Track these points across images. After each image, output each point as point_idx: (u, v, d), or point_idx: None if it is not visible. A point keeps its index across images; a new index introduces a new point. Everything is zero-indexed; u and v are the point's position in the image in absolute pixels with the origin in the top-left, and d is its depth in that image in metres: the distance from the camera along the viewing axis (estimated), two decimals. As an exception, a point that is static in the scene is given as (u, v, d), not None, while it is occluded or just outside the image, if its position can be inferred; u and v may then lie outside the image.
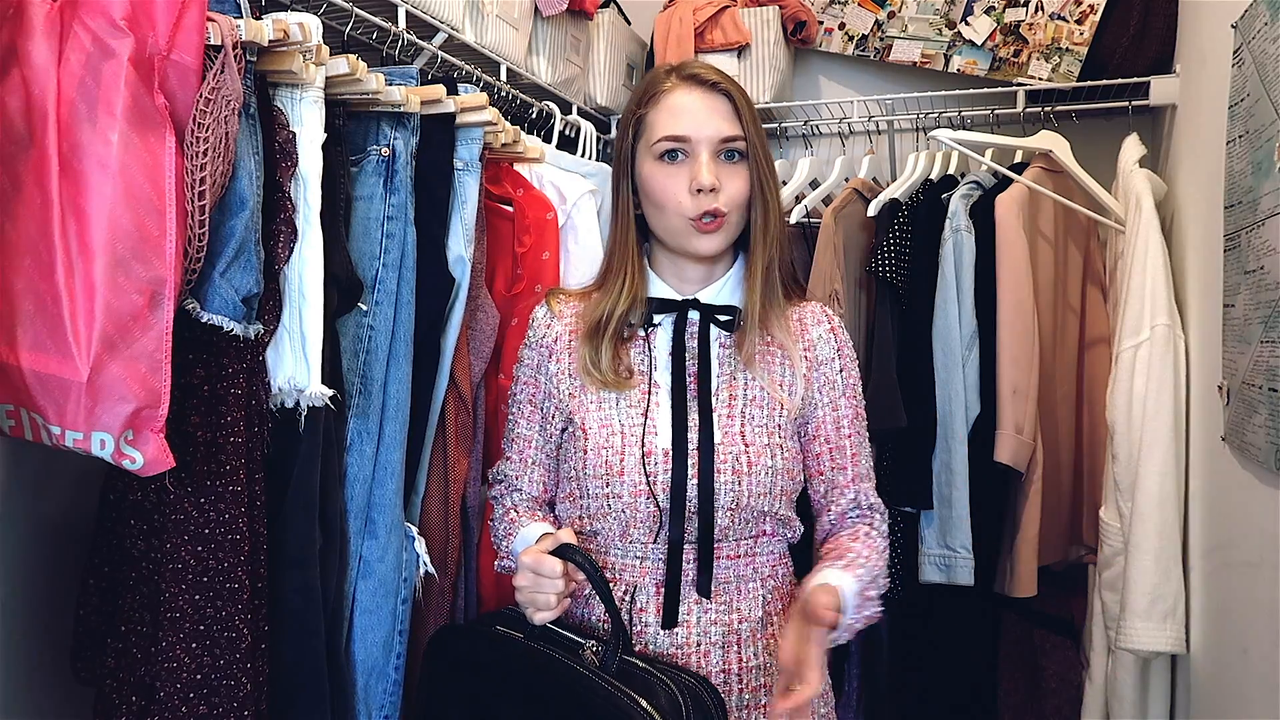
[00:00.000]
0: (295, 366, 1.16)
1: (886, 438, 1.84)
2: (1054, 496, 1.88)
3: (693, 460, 1.17)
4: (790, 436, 1.23)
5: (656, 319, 1.25)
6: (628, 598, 1.20)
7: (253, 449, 1.13)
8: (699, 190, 1.18)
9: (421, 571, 1.38)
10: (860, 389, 1.29)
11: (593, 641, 1.12)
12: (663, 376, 1.22)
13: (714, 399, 1.21)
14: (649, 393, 1.22)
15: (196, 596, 1.09)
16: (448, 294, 1.42)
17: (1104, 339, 1.94)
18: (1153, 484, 1.63)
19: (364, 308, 1.30)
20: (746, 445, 1.19)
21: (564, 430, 1.25)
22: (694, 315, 1.24)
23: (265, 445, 1.16)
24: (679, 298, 1.25)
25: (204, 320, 1.08)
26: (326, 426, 1.21)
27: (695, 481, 1.17)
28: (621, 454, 1.19)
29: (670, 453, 1.18)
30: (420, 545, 1.38)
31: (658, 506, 1.18)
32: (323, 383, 1.17)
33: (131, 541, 1.14)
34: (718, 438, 1.18)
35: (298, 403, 1.17)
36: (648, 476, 1.18)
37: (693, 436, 1.18)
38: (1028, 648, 2.08)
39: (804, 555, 1.31)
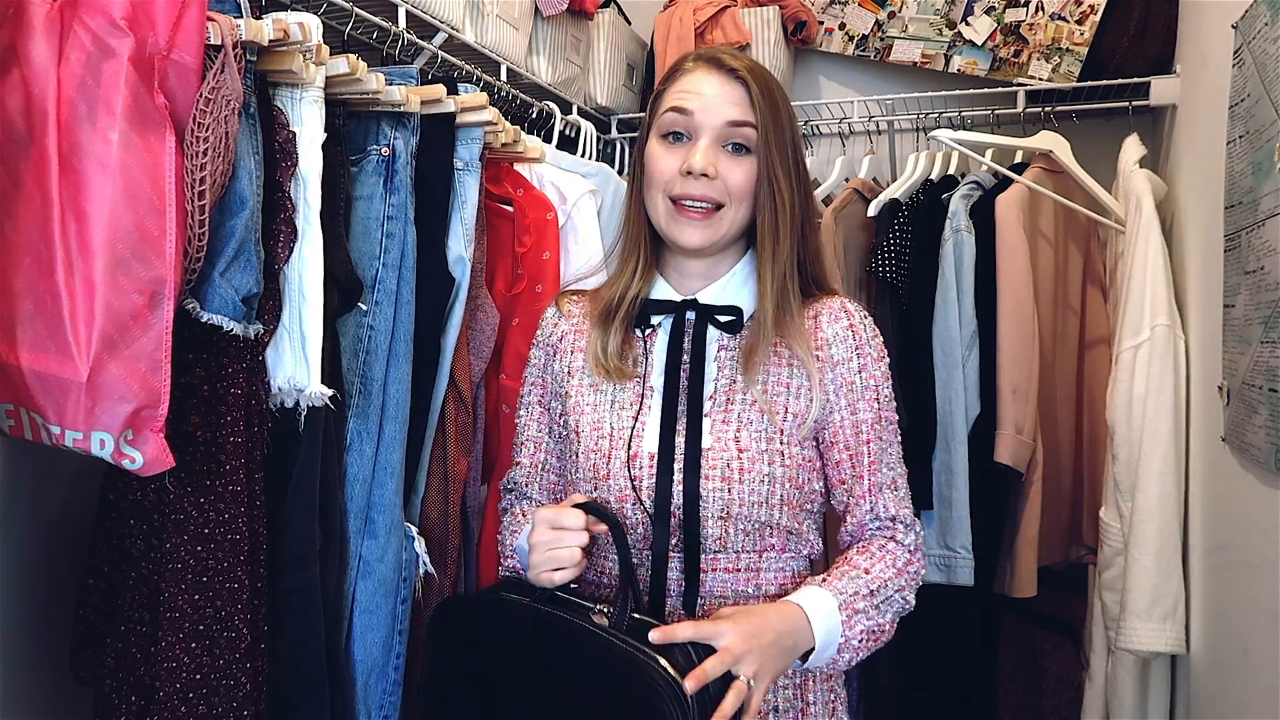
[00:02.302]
0: (295, 366, 1.16)
1: (886, 438, 1.85)
2: (1054, 497, 1.88)
3: (679, 465, 1.13)
4: (798, 443, 1.16)
5: (655, 320, 1.22)
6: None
7: (253, 449, 1.13)
8: (688, 173, 1.14)
9: (421, 571, 1.38)
10: (886, 389, 1.19)
11: (603, 604, 1.06)
12: (658, 380, 1.19)
13: (709, 403, 1.16)
14: (642, 395, 1.19)
15: (196, 596, 1.09)
16: (448, 294, 1.42)
17: (1104, 339, 1.94)
18: (1153, 484, 1.63)
19: (364, 308, 1.30)
20: (740, 451, 1.13)
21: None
22: (691, 316, 1.20)
23: (265, 445, 1.15)
24: (678, 298, 1.22)
25: (204, 320, 1.07)
26: (326, 426, 1.21)
27: (680, 488, 1.13)
28: (608, 457, 1.16)
29: (656, 456, 1.14)
30: (420, 545, 1.38)
31: (646, 513, 1.14)
32: (322, 382, 1.17)
33: (131, 541, 1.14)
34: (707, 443, 1.14)
35: (298, 403, 1.17)
36: (633, 481, 1.14)
37: (680, 441, 1.14)
38: (1028, 648, 2.08)
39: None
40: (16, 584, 1.23)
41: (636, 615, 1.05)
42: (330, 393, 1.18)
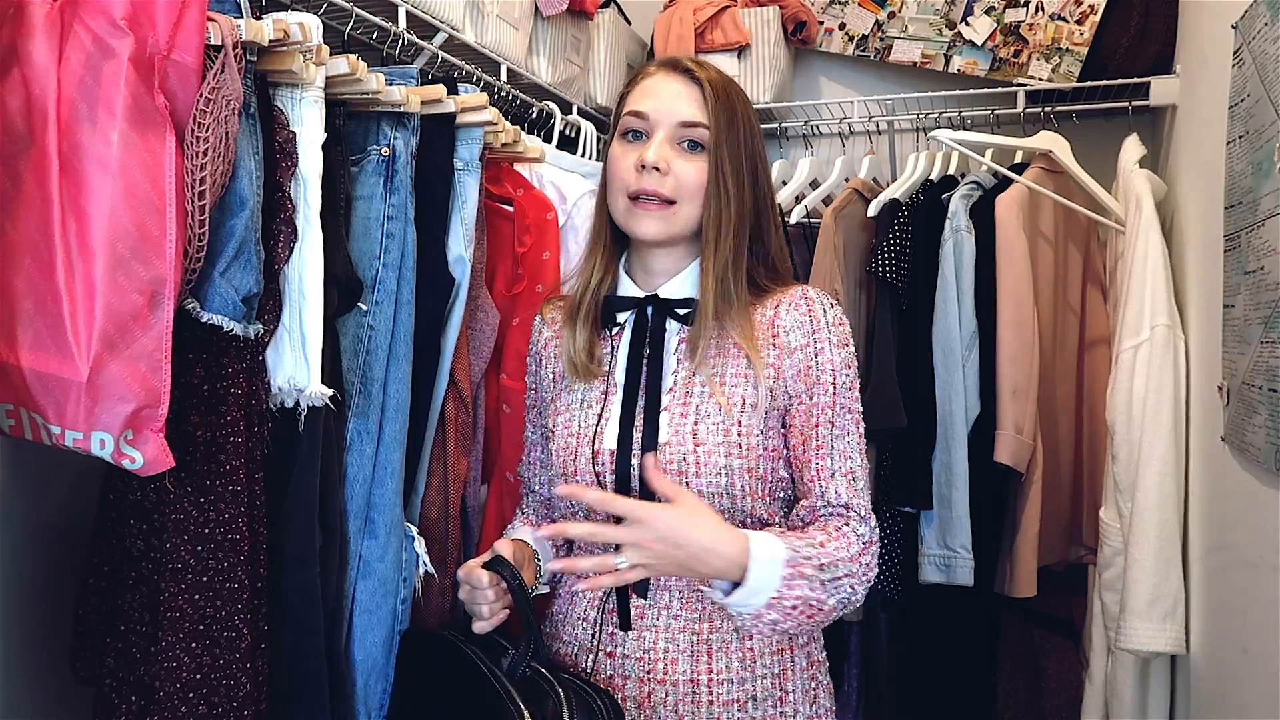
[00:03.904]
0: (295, 366, 1.16)
1: (886, 438, 1.84)
2: (1054, 496, 1.88)
3: (637, 459, 1.17)
4: (758, 433, 1.17)
5: (620, 318, 1.26)
6: (602, 600, 1.21)
7: (253, 449, 1.13)
8: (642, 167, 1.18)
9: (421, 571, 1.38)
10: (844, 375, 1.19)
11: (513, 650, 1.17)
12: (620, 375, 1.23)
13: (668, 396, 1.20)
14: (606, 392, 1.23)
15: (196, 596, 1.09)
16: (448, 294, 1.42)
17: (1104, 339, 1.94)
18: (1152, 484, 1.63)
19: (364, 308, 1.30)
20: (697, 445, 1.16)
21: None
22: (650, 311, 1.24)
23: (265, 445, 1.15)
24: (641, 294, 1.25)
25: (204, 320, 1.07)
26: (326, 426, 1.21)
27: (637, 483, 1.17)
28: (575, 454, 1.22)
29: (615, 453, 1.19)
30: (420, 545, 1.38)
31: None
32: (323, 383, 1.17)
33: (131, 541, 1.14)
34: (664, 436, 1.17)
35: (298, 403, 1.17)
36: (598, 477, 1.19)
37: (638, 436, 1.18)
38: (1028, 648, 2.08)
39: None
40: (16, 584, 1.23)
41: (535, 665, 1.15)
42: (330, 393, 1.18)
